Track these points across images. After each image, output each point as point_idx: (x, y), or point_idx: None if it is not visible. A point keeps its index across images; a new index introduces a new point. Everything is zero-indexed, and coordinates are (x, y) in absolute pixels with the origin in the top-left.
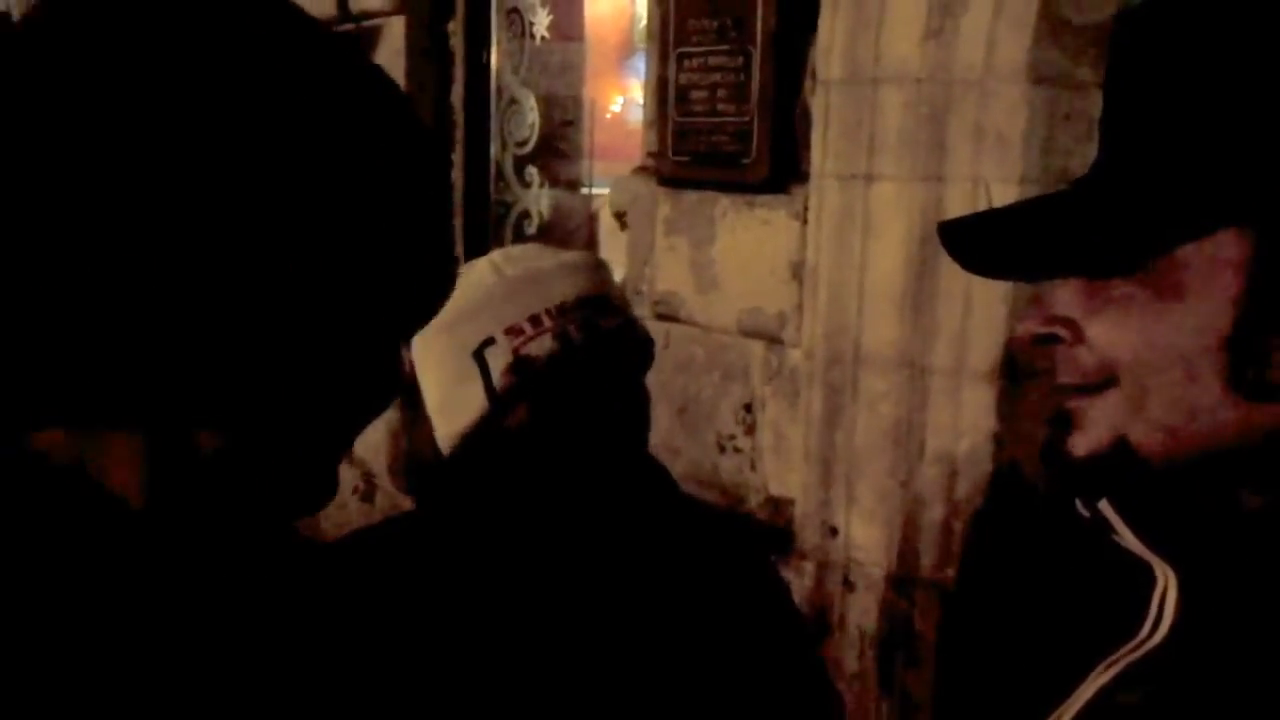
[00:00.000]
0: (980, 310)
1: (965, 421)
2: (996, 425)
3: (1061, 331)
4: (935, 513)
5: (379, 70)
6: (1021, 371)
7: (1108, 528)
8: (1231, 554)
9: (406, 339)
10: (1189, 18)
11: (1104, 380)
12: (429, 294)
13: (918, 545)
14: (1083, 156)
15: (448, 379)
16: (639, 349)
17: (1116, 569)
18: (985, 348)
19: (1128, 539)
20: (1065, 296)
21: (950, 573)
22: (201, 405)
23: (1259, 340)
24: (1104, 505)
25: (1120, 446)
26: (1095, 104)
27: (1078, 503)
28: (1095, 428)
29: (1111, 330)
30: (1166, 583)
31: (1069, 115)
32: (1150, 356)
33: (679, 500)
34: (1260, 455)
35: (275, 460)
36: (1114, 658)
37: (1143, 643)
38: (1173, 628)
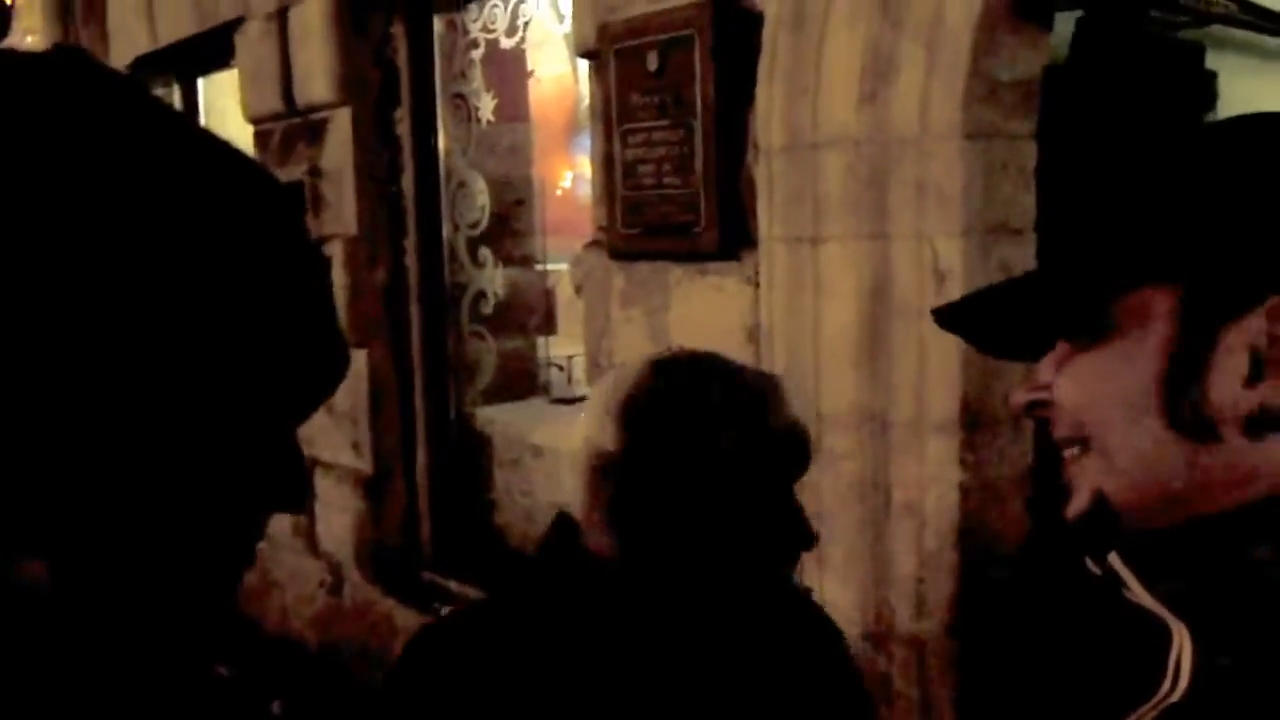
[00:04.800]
0: (936, 362)
1: (929, 472)
2: (961, 474)
3: (1044, 395)
4: (907, 566)
5: (230, 149)
6: (980, 420)
7: (1119, 584)
8: (1243, 609)
9: (291, 430)
10: (1108, 77)
11: (1083, 437)
12: (313, 386)
13: (891, 600)
14: (1021, 206)
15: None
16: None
17: (1132, 625)
18: (944, 399)
19: (1140, 595)
20: (1046, 364)
21: (925, 625)
22: (38, 532)
23: (1190, 380)
24: (1114, 561)
25: (1099, 503)
26: (1030, 155)
27: (1088, 561)
28: (1079, 489)
29: (1068, 385)
30: (1182, 639)
31: (1005, 166)
32: (1099, 406)
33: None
34: (1266, 509)
35: (142, 591)
36: (1134, 716)
37: (1163, 700)
38: (1191, 684)
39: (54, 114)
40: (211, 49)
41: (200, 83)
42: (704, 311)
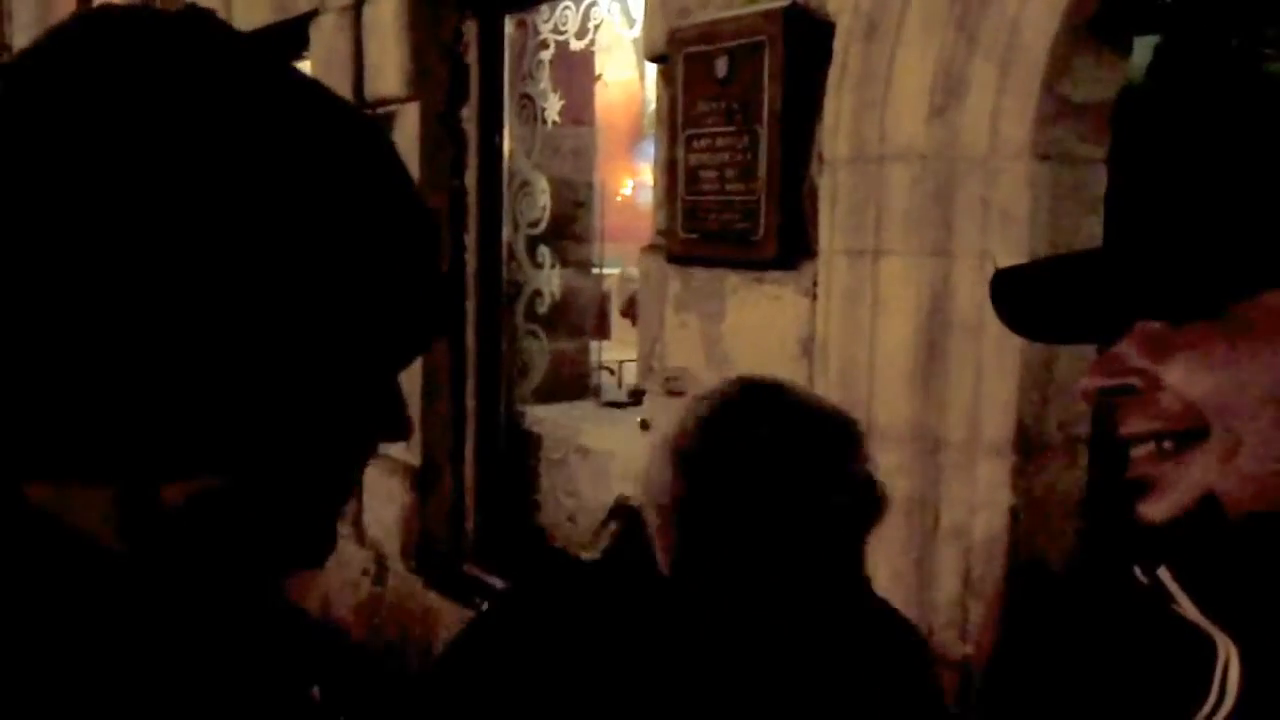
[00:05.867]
0: (991, 383)
1: (980, 495)
2: (1012, 498)
3: (1135, 381)
4: (951, 589)
5: (347, 108)
6: (1034, 444)
7: (1166, 597)
8: None
9: (394, 373)
10: (1185, 104)
11: (1192, 429)
12: (415, 331)
13: (934, 623)
14: (1088, 230)
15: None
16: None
17: (1174, 638)
18: (998, 421)
19: (1187, 609)
20: (1131, 348)
21: (968, 650)
22: (169, 459)
23: None
24: (1162, 573)
25: (1206, 504)
26: (1099, 179)
27: (1136, 570)
28: (1177, 489)
29: (1195, 374)
30: (1229, 654)
31: (1074, 189)
32: (1240, 401)
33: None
34: None
35: (262, 509)
36: None
37: (1208, 716)
38: (1239, 701)
39: (194, 69)
40: (286, 39)
41: None
42: (759, 320)
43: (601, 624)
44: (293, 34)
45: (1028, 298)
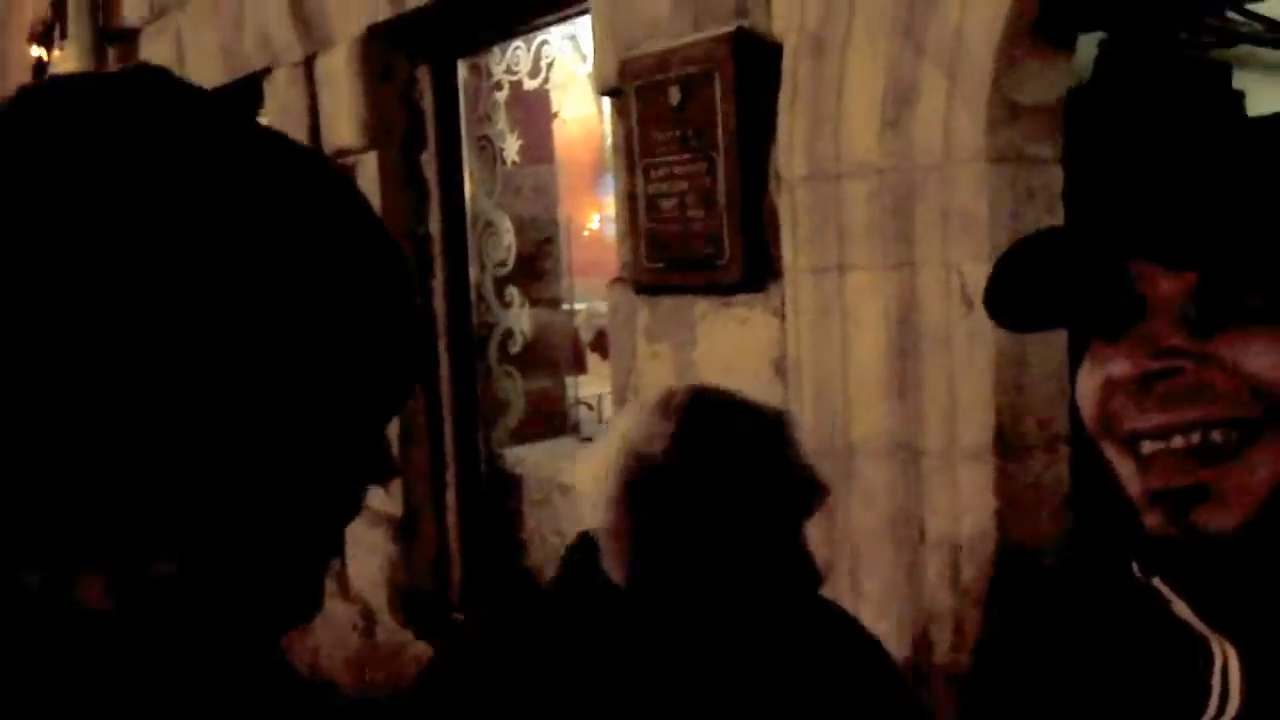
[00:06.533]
0: (966, 388)
1: (964, 502)
2: (996, 501)
3: (1185, 363)
4: (944, 598)
5: (324, 165)
6: (1013, 445)
7: (1160, 598)
8: None
9: (382, 425)
10: (1133, 98)
11: (1253, 416)
12: (396, 374)
13: (930, 633)
14: None
15: None
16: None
17: (1166, 640)
18: (975, 426)
19: (1181, 611)
20: (1165, 329)
21: (964, 657)
22: (160, 534)
23: None
24: (1157, 581)
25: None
26: (1055, 178)
27: (1134, 568)
28: (1248, 490)
29: (1269, 355)
30: (1226, 658)
31: (1030, 190)
32: None
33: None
34: None
35: (254, 569)
36: None
37: None
38: (1243, 706)
39: (147, 127)
40: (241, 98)
41: None
42: (730, 344)
43: (559, 646)
44: (247, 92)
45: (1030, 277)
